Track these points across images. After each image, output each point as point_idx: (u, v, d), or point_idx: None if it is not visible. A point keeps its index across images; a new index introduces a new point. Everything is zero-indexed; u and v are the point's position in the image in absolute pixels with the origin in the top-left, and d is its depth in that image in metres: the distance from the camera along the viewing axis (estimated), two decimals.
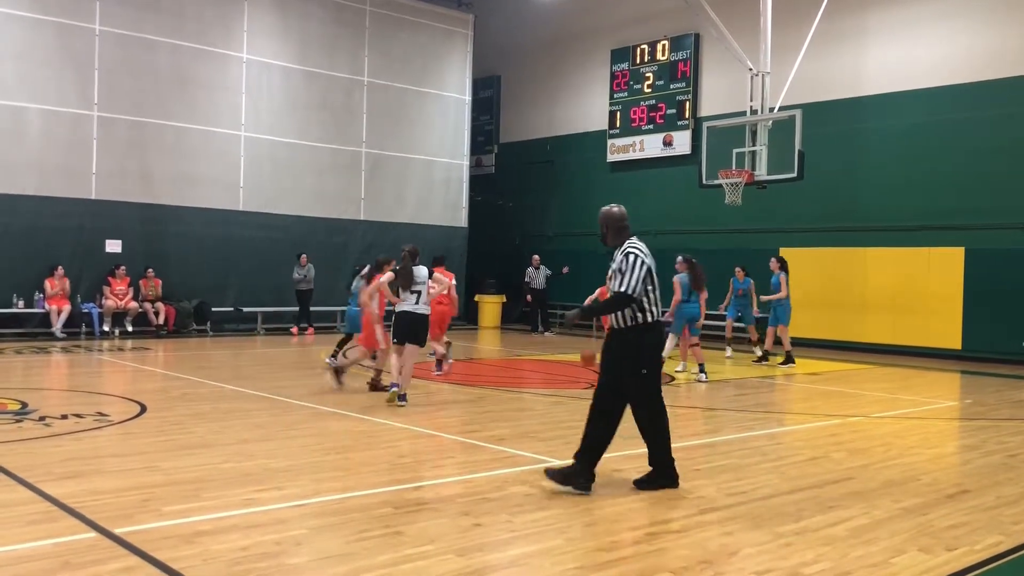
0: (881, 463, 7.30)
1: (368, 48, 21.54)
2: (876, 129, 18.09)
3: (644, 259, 6.07)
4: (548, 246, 24.06)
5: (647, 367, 6.13)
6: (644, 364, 6.11)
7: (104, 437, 7.62)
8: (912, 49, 17.65)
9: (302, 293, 19.39)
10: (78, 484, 5.85)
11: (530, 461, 6.98)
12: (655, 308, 6.14)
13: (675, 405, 10.30)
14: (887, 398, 11.55)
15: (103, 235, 17.85)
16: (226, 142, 19.41)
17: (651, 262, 6.13)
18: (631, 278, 5.98)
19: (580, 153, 23.96)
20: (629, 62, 22.76)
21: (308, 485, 6.01)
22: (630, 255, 6.09)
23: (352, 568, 4.36)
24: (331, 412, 9.17)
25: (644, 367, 6.11)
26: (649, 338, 6.15)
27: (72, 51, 17.33)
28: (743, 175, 15.54)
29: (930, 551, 4.89)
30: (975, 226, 16.58)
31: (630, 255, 6.09)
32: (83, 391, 10.31)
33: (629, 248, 6.15)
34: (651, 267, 6.11)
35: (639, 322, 6.09)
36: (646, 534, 5.08)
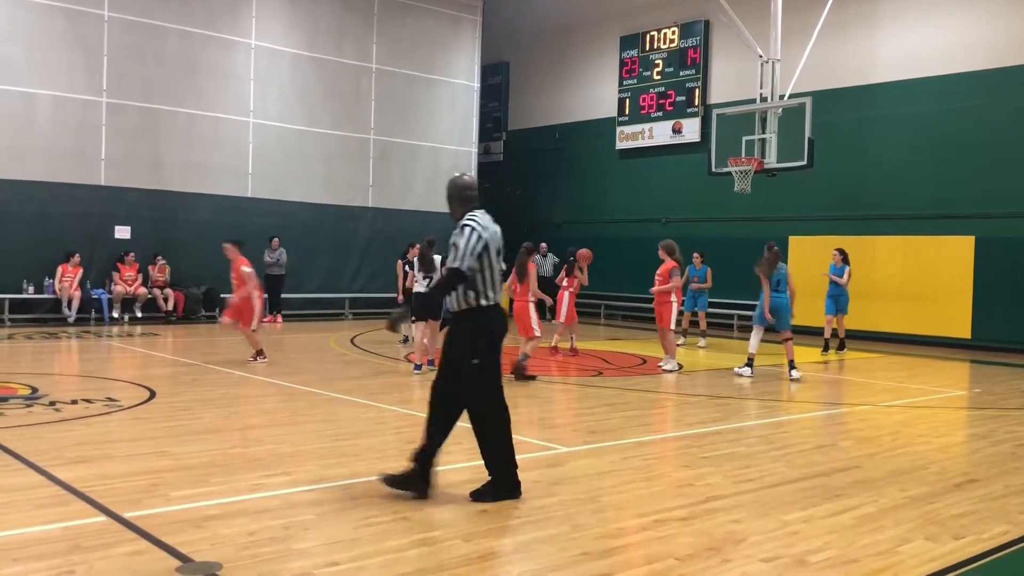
0: (889, 452, 7.29)
1: (376, 35, 21.49)
2: (886, 117, 17.98)
3: (481, 232, 5.35)
4: (556, 234, 24.02)
5: (480, 356, 5.38)
6: (476, 353, 5.38)
7: (114, 422, 7.66)
8: (924, 36, 17.52)
9: (273, 279, 18.83)
10: (88, 468, 5.89)
11: (537, 448, 6.99)
12: (490, 289, 5.43)
13: (682, 393, 10.32)
14: (896, 387, 11.53)
15: (112, 221, 17.90)
16: (235, 129, 19.42)
17: (491, 236, 5.41)
18: (462, 252, 5.29)
19: (589, 140, 23.89)
20: (638, 49, 22.66)
21: (316, 470, 6.04)
22: (466, 227, 5.38)
23: (359, 553, 4.38)
24: (339, 398, 9.19)
25: (476, 356, 5.37)
26: (484, 323, 5.44)
27: (81, 37, 17.34)
28: (752, 163, 15.49)
29: (937, 540, 4.89)
30: (986, 215, 16.50)
31: (466, 227, 5.38)
32: (93, 376, 10.36)
33: (467, 219, 5.44)
34: (490, 242, 5.39)
35: (472, 304, 5.40)
36: (653, 521, 5.09)
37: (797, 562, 4.46)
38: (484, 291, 5.41)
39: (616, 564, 4.37)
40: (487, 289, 5.42)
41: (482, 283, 5.39)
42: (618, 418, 8.79)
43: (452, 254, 5.35)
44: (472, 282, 5.36)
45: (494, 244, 5.44)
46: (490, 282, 5.43)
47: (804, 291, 18.90)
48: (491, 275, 5.43)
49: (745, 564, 4.40)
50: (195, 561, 4.17)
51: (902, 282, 17.43)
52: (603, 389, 10.57)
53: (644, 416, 9.02)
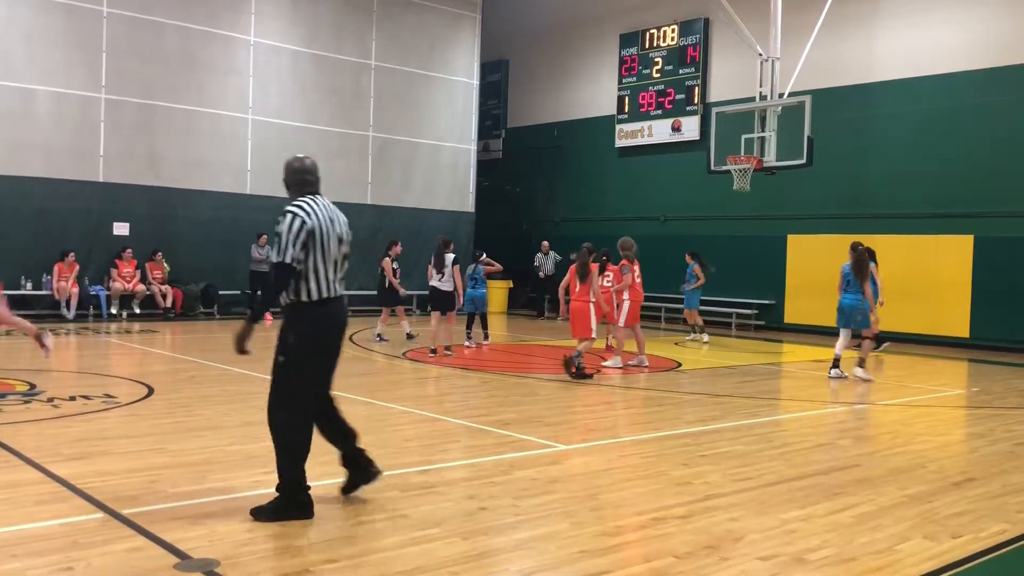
0: (887, 450, 7.30)
1: (376, 32, 21.48)
2: (886, 115, 17.98)
3: (305, 219, 4.84)
4: (555, 231, 24.03)
5: (287, 354, 4.91)
6: (285, 350, 4.92)
7: (112, 419, 7.66)
8: (924, 34, 17.52)
9: (261, 275, 18.36)
10: (86, 465, 5.88)
11: (536, 446, 6.99)
12: (322, 283, 4.90)
13: (681, 391, 10.31)
14: (894, 386, 11.53)
15: (111, 218, 17.89)
16: (234, 125, 19.40)
17: (316, 223, 4.87)
18: (283, 243, 4.80)
19: (588, 138, 23.88)
20: (638, 47, 22.64)
21: (314, 468, 6.00)
22: (287, 214, 4.87)
23: (358, 550, 4.38)
24: (337, 395, 9.16)
25: (283, 353, 4.92)
26: (305, 319, 4.92)
27: (80, 33, 17.32)
28: (752, 161, 15.48)
29: (935, 538, 4.89)
30: (985, 214, 16.50)
31: (287, 214, 4.87)
32: (91, 373, 10.35)
33: (291, 206, 4.93)
34: (319, 229, 4.88)
35: (294, 299, 4.90)
36: (651, 519, 5.09)
37: (795, 560, 4.46)
38: (309, 284, 4.87)
39: (615, 562, 4.37)
40: (313, 282, 4.87)
41: (306, 275, 4.86)
42: (616, 416, 8.80)
43: (275, 246, 4.86)
44: (297, 275, 4.86)
45: (327, 233, 4.92)
46: (317, 274, 4.88)
47: (811, 291, 18.95)
48: (320, 267, 4.89)
49: (743, 562, 4.40)
50: (193, 558, 4.17)
51: (901, 281, 17.41)
52: (601, 387, 10.57)
53: (642, 414, 9.02)
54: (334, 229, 4.98)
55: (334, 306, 4.99)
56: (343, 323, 5.11)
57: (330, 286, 4.95)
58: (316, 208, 4.92)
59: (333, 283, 4.98)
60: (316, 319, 4.93)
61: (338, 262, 5.03)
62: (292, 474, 4.93)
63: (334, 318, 5.02)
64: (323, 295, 4.91)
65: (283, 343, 4.93)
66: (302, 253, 4.82)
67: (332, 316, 5.00)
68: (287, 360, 4.90)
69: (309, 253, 4.84)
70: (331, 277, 4.96)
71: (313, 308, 4.90)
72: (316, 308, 4.91)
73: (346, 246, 5.10)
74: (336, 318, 5.04)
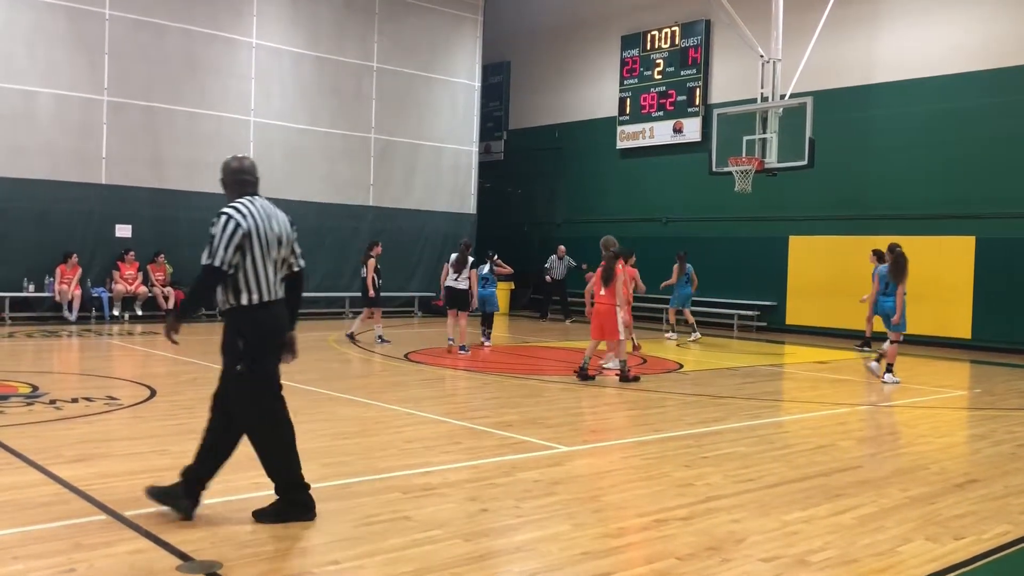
0: (889, 452, 7.29)
1: (377, 34, 21.49)
2: (888, 117, 17.98)
3: (241, 222, 4.73)
4: (556, 233, 24.03)
5: (244, 362, 4.79)
6: (238, 358, 4.80)
7: (114, 420, 7.67)
8: (925, 36, 17.52)
9: None
10: (88, 467, 5.89)
11: (537, 447, 6.99)
12: (263, 286, 4.81)
13: (683, 392, 10.31)
14: (896, 387, 11.52)
15: (113, 220, 17.90)
16: (236, 127, 19.41)
17: (253, 225, 4.77)
18: (215, 245, 4.68)
19: (590, 140, 23.89)
20: (639, 48, 22.65)
21: (316, 470, 6.03)
22: (221, 215, 4.76)
23: (360, 552, 4.38)
24: (339, 397, 9.20)
25: (239, 361, 4.79)
26: (248, 324, 4.81)
27: (82, 35, 17.34)
28: (753, 162, 15.49)
29: (937, 540, 4.89)
30: (986, 215, 16.50)
31: (221, 215, 4.76)
32: (93, 375, 10.36)
33: (226, 208, 4.82)
34: (251, 232, 4.76)
35: (233, 303, 4.79)
36: (653, 520, 5.09)
37: (797, 562, 4.46)
38: (248, 287, 4.76)
39: (617, 563, 4.37)
40: (253, 285, 4.77)
41: (245, 279, 4.75)
42: (618, 417, 8.80)
43: (207, 247, 4.72)
44: (233, 278, 4.74)
45: (266, 235, 4.82)
46: (256, 277, 4.78)
47: (813, 292, 18.95)
48: (260, 269, 4.79)
49: (745, 564, 4.40)
50: (195, 560, 4.18)
51: None
52: (603, 388, 10.57)
53: (644, 415, 9.02)
54: (272, 231, 4.87)
55: (275, 309, 4.91)
56: (284, 326, 5.00)
57: (271, 289, 4.86)
58: (253, 209, 4.83)
59: (274, 286, 4.88)
60: (260, 322, 4.83)
61: (279, 264, 4.93)
62: (288, 476, 4.89)
63: (274, 321, 4.91)
64: (264, 298, 4.82)
65: (234, 352, 4.79)
66: (236, 257, 4.71)
67: (273, 319, 4.89)
68: (244, 368, 4.77)
69: (246, 256, 4.74)
70: (271, 280, 4.86)
71: (255, 312, 4.81)
72: (259, 312, 4.81)
73: (287, 248, 4.98)
74: (276, 321, 4.93)
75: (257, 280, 4.78)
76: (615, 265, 11.03)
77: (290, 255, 5.02)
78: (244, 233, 4.72)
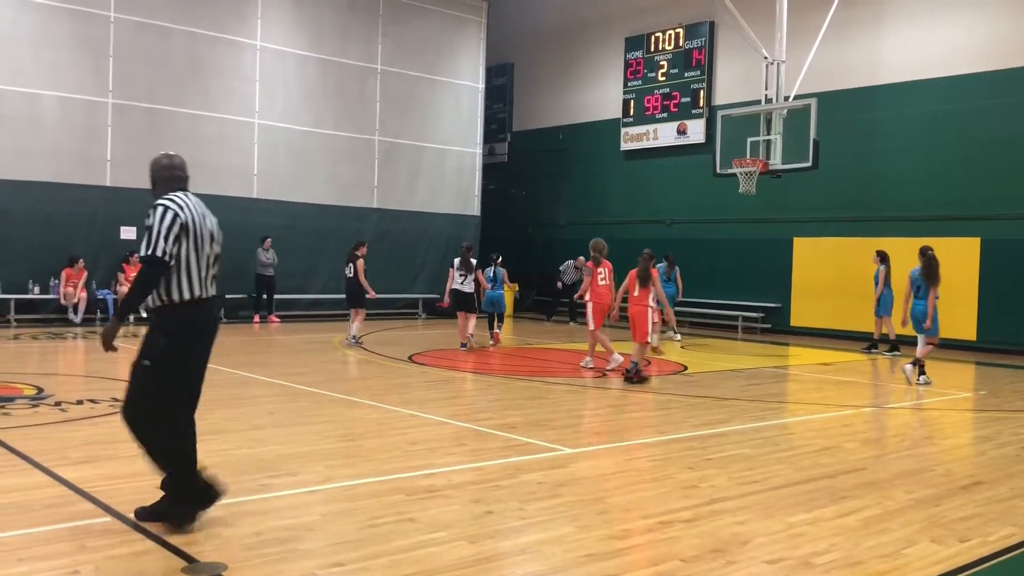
0: (894, 454, 7.28)
1: (382, 36, 21.52)
2: (892, 118, 17.95)
3: (178, 212, 4.61)
4: (560, 235, 24.03)
5: (154, 358, 4.61)
6: (151, 353, 4.62)
7: (119, 422, 7.63)
8: (929, 37, 17.49)
9: (267, 279, 18.78)
10: (93, 469, 5.90)
11: (542, 449, 6.99)
12: (194, 282, 4.65)
13: (688, 395, 10.30)
14: (901, 389, 11.50)
15: (118, 222, 17.93)
16: (240, 130, 19.45)
17: (189, 217, 4.65)
18: (154, 236, 4.54)
19: (593, 141, 23.88)
20: (643, 50, 22.65)
21: (321, 472, 6.04)
22: (158, 206, 4.63)
23: (364, 554, 4.39)
24: (343, 399, 9.20)
25: (149, 356, 4.62)
26: (175, 320, 4.64)
27: (87, 38, 17.39)
28: (757, 164, 15.46)
29: (943, 542, 4.88)
30: (991, 216, 16.46)
31: (158, 206, 4.63)
32: (98, 377, 10.38)
33: (162, 200, 4.70)
34: (188, 224, 4.63)
35: (164, 300, 4.62)
36: (658, 523, 5.08)
37: (802, 564, 4.45)
38: (180, 284, 4.61)
39: (621, 565, 4.36)
40: (185, 281, 4.62)
41: (177, 274, 4.61)
42: (622, 419, 8.79)
43: (144, 240, 4.57)
44: (167, 274, 4.59)
45: (200, 229, 4.71)
46: (189, 273, 4.63)
47: (817, 294, 18.91)
48: (193, 265, 4.64)
49: (750, 566, 4.39)
50: (200, 562, 4.18)
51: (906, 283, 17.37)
52: (608, 390, 10.56)
53: (649, 417, 9.02)
54: (206, 226, 4.78)
55: (206, 307, 4.75)
56: (215, 325, 4.90)
57: (202, 286, 4.71)
58: (188, 203, 4.73)
59: (205, 283, 4.73)
60: (189, 321, 4.67)
61: (210, 261, 4.80)
62: (185, 481, 4.70)
63: (206, 320, 4.78)
64: (195, 295, 4.66)
65: (150, 346, 4.61)
66: (174, 247, 4.57)
67: (204, 318, 4.76)
68: (154, 364, 4.59)
69: (181, 249, 4.60)
70: (203, 276, 4.72)
71: (185, 309, 4.64)
72: (188, 309, 4.65)
73: (218, 245, 4.87)
74: (208, 320, 4.80)
75: (189, 275, 4.64)
76: (650, 266, 11.13)
77: (219, 253, 4.91)
78: (182, 224, 4.61)
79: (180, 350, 4.66)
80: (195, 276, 4.66)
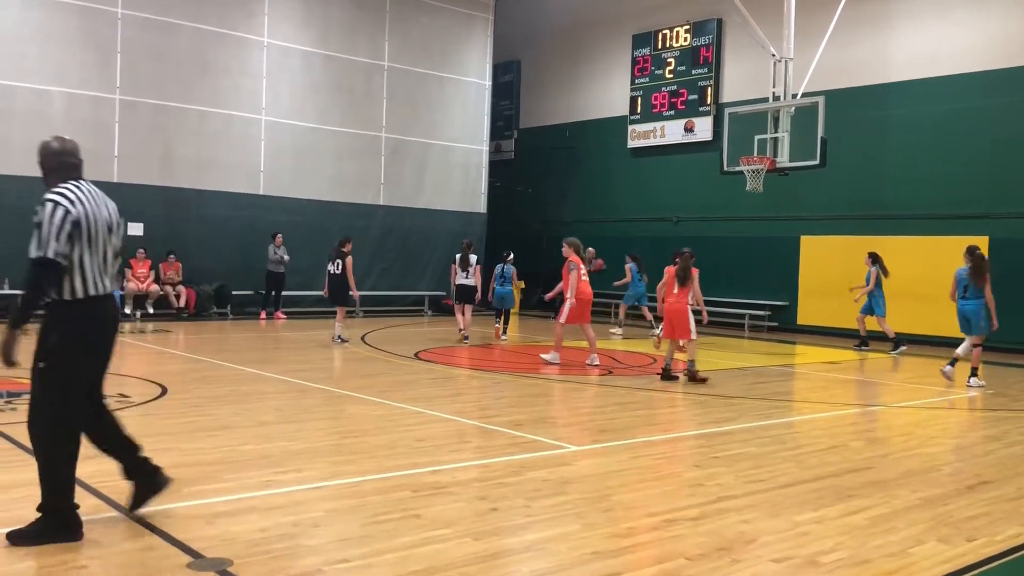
0: (901, 453, 7.25)
1: (388, 33, 21.52)
2: (901, 116, 17.89)
3: (69, 208, 4.34)
4: (567, 232, 23.96)
5: (48, 358, 4.37)
6: (45, 354, 4.38)
7: (125, 418, 7.60)
8: (938, 35, 17.42)
9: (277, 275, 18.76)
10: (99, 464, 5.88)
11: (547, 447, 6.98)
12: (88, 279, 4.39)
13: (693, 392, 10.28)
14: (908, 387, 11.47)
15: (125, 218, 17.94)
16: (247, 126, 19.48)
17: (82, 211, 4.37)
18: (44, 236, 4.26)
19: (600, 139, 23.85)
20: (651, 47, 22.61)
21: (326, 468, 6.05)
22: (47, 202, 4.34)
23: (370, 550, 4.38)
24: (349, 395, 9.21)
25: (44, 358, 4.38)
26: (68, 319, 4.40)
27: (94, 34, 17.43)
28: (765, 162, 15.43)
29: (949, 541, 4.86)
30: (1000, 215, 16.39)
31: (47, 202, 4.34)
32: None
33: (51, 193, 4.40)
34: (80, 219, 4.35)
35: (56, 297, 4.39)
36: (663, 520, 5.07)
37: (808, 563, 4.44)
38: (74, 281, 4.36)
39: (626, 563, 4.36)
40: (78, 278, 4.36)
41: (71, 271, 4.34)
42: (628, 417, 8.78)
43: (34, 239, 4.28)
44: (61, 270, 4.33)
45: (95, 222, 4.43)
46: (83, 270, 4.36)
47: (824, 292, 18.86)
48: (87, 261, 4.37)
49: (756, 564, 4.38)
50: (206, 557, 4.19)
51: (915, 282, 17.31)
52: (613, 388, 10.55)
53: (654, 415, 9.01)
54: (101, 218, 4.48)
55: (103, 305, 4.49)
56: (114, 323, 4.62)
57: (98, 282, 4.44)
58: (81, 195, 4.43)
59: (102, 279, 4.47)
60: (82, 319, 4.42)
61: (108, 256, 4.53)
62: (57, 494, 4.41)
63: (103, 318, 4.52)
64: (90, 292, 4.39)
65: (44, 346, 4.38)
66: (67, 246, 4.29)
67: (101, 316, 4.50)
68: (48, 365, 4.35)
69: (74, 246, 4.32)
70: (99, 272, 4.45)
71: (79, 307, 4.39)
72: (82, 307, 4.39)
73: (117, 238, 4.60)
74: (106, 318, 4.55)
75: (83, 272, 4.37)
76: (691, 264, 11.09)
77: (120, 245, 4.67)
78: (73, 220, 4.32)
79: (74, 350, 4.41)
80: (89, 273, 4.39)
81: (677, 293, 11.07)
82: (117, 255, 4.62)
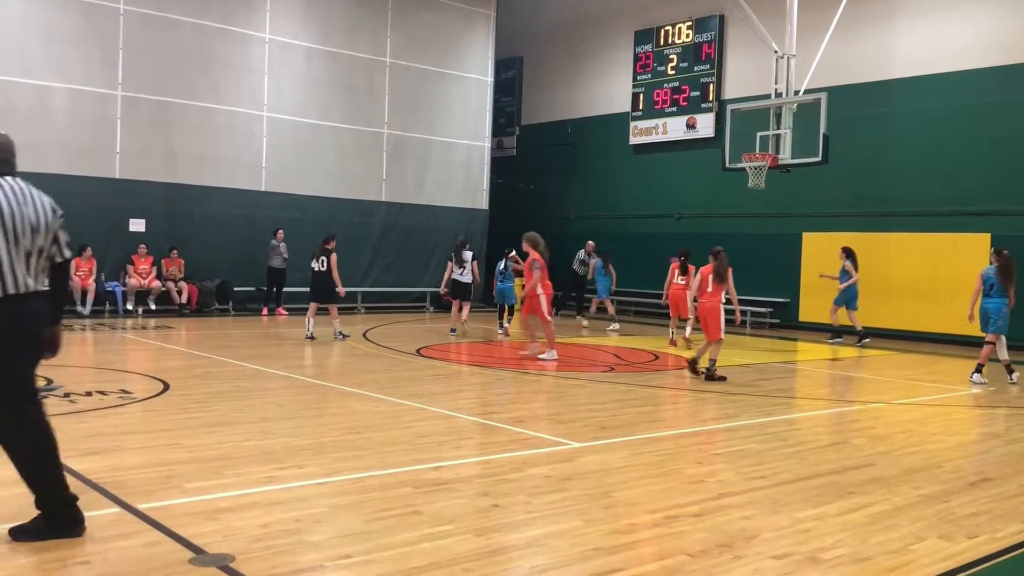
0: (902, 450, 7.26)
1: (390, 29, 21.51)
2: (903, 113, 17.86)
3: None
4: (569, 229, 23.98)
5: None
6: None
7: (127, 414, 7.70)
8: (941, 32, 17.39)
9: (278, 271, 18.76)
10: (102, 460, 5.92)
11: (549, 443, 6.99)
12: (7, 277, 4.19)
13: (694, 389, 10.29)
14: (909, 384, 11.47)
15: (127, 214, 18.00)
16: (249, 122, 19.48)
17: (13, 209, 4.22)
18: None
19: (602, 135, 23.84)
20: (653, 43, 22.58)
21: (328, 464, 6.06)
22: None
23: (371, 546, 4.39)
24: (351, 392, 9.22)
25: None
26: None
27: (97, 30, 17.43)
28: (767, 159, 15.42)
29: (950, 538, 4.86)
30: (1002, 212, 16.37)
31: None
32: (107, 368, 10.42)
33: None
34: (11, 216, 4.21)
35: None
36: (665, 517, 5.08)
37: (809, 559, 4.44)
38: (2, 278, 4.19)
39: (627, 560, 4.36)
40: (7, 275, 4.19)
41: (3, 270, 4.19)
42: (630, 414, 8.79)
43: None
44: None
45: (17, 219, 4.23)
46: (10, 266, 4.20)
47: (826, 289, 18.85)
48: (4, 258, 4.19)
49: (757, 560, 4.39)
50: (208, 553, 4.20)
51: (917, 279, 17.32)
52: (615, 384, 10.56)
53: (656, 412, 9.01)
54: (27, 216, 4.26)
55: (26, 305, 4.26)
56: (36, 325, 4.35)
57: (18, 281, 4.22)
58: (10, 192, 4.25)
59: (23, 278, 4.25)
60: (6, 319, 4.22)
61: (32, 254, 4.29)
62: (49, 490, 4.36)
63: (25, 319, 4.28)
64: (9, 291, 4.19)
65: None
66: None
67: (23, 316, 4.27)
68: None
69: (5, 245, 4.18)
70: (20, 271, 4.23)
71: (3, 307, 4.20)
72: (6, 307, 4.20)
73: (42, 237, 4.32)
74: (28, 319, 4.30)
75: (1, 270, 4.18)
76: (727, 263, 11.02)
77: (51, 245, 4.39)
78: None
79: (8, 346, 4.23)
80: (8, 271, 4.18)
81: (711, 291, 11.04)
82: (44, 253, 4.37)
